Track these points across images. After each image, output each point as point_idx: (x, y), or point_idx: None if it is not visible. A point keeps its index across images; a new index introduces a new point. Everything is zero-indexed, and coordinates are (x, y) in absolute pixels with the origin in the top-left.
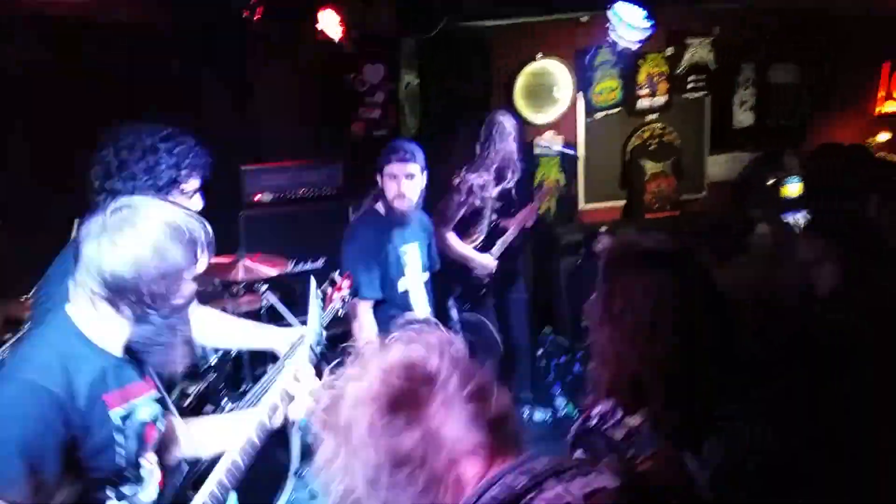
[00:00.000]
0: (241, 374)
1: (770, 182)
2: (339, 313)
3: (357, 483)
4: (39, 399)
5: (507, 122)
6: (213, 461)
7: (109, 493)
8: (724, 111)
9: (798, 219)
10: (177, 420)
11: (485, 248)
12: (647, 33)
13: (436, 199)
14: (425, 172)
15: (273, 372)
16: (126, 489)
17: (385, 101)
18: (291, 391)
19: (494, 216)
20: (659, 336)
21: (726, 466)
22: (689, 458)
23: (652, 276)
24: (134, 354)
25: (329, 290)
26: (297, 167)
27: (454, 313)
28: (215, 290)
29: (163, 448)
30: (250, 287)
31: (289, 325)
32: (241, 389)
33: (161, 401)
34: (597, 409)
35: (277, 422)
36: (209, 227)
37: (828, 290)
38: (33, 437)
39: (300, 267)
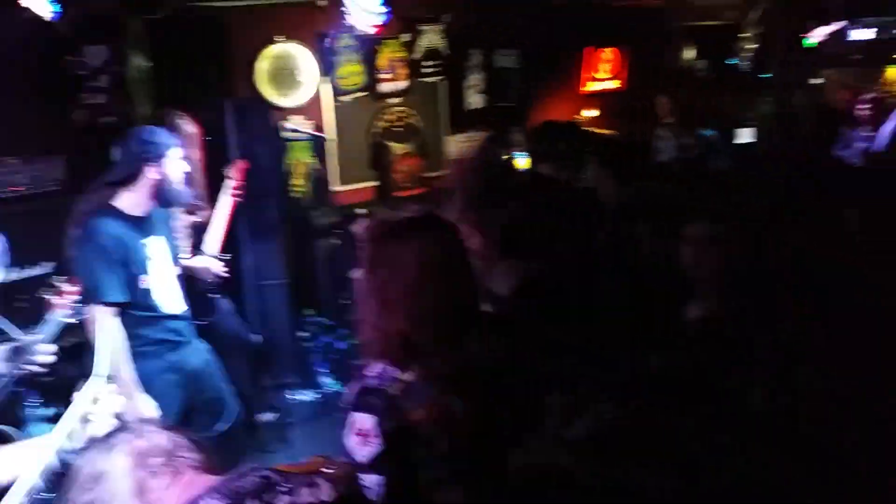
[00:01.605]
0: None
1: (503, 157)
2: (70, 320)
3: None
4: None
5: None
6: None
7: None
8: (459, 94)
9: None
10: None
11: (196, 248)
12: (382, 19)
13: None
14: None
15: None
16: None
17: (111, 86)
18: (90, 413)
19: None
20: (423, 295)
21: None
22: (456, 401)
23: (412, 241)
24: None
25: (51, 297)
26: (8, 163)
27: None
28: None
29: None
30: None
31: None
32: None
33: None
34: (372, 371)
35: (79, 444)
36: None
37: None
38: None
39: (22, 273)
